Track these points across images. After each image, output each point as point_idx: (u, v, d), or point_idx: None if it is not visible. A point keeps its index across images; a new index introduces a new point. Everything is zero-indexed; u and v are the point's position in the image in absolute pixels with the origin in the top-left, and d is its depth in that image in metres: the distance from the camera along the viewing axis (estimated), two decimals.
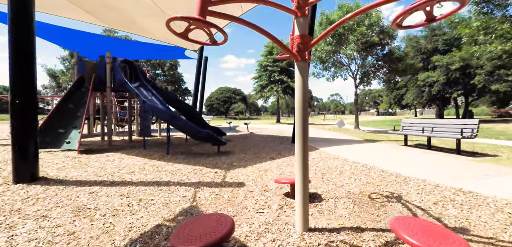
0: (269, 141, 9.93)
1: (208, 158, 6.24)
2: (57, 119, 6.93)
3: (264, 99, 30.34)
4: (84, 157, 6.04)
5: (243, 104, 66.03)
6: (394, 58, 14.89)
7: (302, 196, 2.40)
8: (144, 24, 10.40)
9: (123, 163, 5.45)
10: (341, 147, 8.19)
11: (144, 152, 6.88)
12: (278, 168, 5.07)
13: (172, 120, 6.44)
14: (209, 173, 4.71)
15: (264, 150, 7.58)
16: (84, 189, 3.65)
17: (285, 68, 29.06)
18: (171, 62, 38.43)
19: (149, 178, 4.31)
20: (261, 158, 6.24)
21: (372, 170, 4.85)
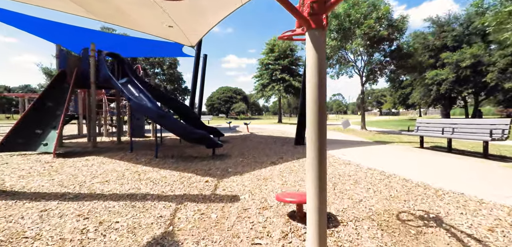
0: (270, 143, 9.17)
1: (201, 162, 5.49)
2: (34, 119, 6.20)
3: (265, 99, 29.54)
4: (59, 161, 5.30)
5: (244, 104, 65.25)
6: (403, 54, 14.06)
7: (318, 223, 1.63)
8: (136, 18, 9.66)
9: (101, 169, 4.71)
10: (350, 149, 7.40)
11: (130, 155, 6.14)
12: (280, 176, 4.30)
13: (161, 120, 5.70)
14: (198, 182, 3.95)
15: (265, 152, 6.82)
16: (37, 205, 2.90)
17: (287, 67, 28.22)
18: (171, 61, 37.72)
19: (125, 189, 3.56)
20: (261, 162, 5.48)
21: (393, 179, 4.07)
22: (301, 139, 8.23)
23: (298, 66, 29.92)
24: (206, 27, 11.64)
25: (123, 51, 14.42)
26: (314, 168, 1.60)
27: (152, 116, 5.86)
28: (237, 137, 11.40)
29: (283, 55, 28.56)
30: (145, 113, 5.87)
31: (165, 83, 37.33)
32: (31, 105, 6.23)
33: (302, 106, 8.08)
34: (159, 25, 10.85)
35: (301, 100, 8.06)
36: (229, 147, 7.94)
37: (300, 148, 7.56)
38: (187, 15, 9.91)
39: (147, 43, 14.02)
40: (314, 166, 1.60)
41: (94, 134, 7.09)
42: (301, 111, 8.11)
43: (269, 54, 28.89)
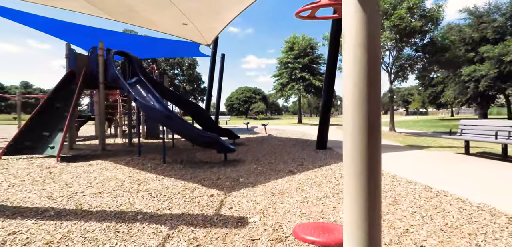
0: (289, 146, 8.44)
1: (210, 169, 4.92)
2: (42, 121, 5.98)
3: (284, 99, 28.63)
4: (61, 166, 4.97)
5: (263, 104, 64.58)
6: (437, 48, 12.66)
7: None
8: (149, 15, 9.37)
9: (100, 177, 4.28)
10: None
11: (136, 160, 5.73)
12: (299, 190, 3.60)
13: (167, 121, 5.21)
14: (202, 196, 3.36)
15: (282, 158, 6.12)
16: (9, 225, 2.46)
17: (307, 65, 27.09)
18: (190, 62, 37.99)
19: (116, 204, 3.05)
20: (277, 171, 4.80)
21: (443, 198, 3.22)
22: (324, 142, 7.42)
23: (319, 65, 28.73)
24: (221, 24, 11.14)
25: (140, 52, 14.37)
26: (359, 191, 0.92)
27: (157, 117, 5.41)
28: (254, 139, 10.78)
29: (303, 53, 27.52)
30: (151, 114, 5.42)
31: (184, 84, 37.70)
32: (39, 107, 6.02)
33: (325, 105, 7.28)
34: (173, 23, 10.52)
35: (324, 99, 7.27)
36: (244, 150, 7.33)
37: (322, 153, 6.77)
38: (201, 11, 9.44)
39: (163, 43, 13.83)
40: (359, 189, 0.91)
41: (102, 136, 6.80)
42: (323, 110, 7.32)
43: (289, 52, 27.95)
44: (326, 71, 7.30)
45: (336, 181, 4.04)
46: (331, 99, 7.36)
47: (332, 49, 7.12)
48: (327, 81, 7.22)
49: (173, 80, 37.65)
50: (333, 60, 7.15)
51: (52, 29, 9.14)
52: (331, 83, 7.22)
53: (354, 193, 0.93)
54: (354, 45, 0.88)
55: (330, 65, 7.17)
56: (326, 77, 7.24)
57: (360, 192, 0.92)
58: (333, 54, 7.13)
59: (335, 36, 7.04)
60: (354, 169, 0.91)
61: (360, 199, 0.92)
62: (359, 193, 0.92)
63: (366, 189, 0.90)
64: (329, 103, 7.30)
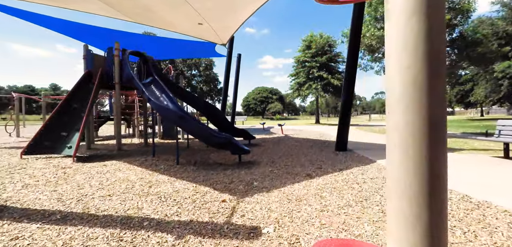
0: (306, 147, 8.09)
1: (224, 171, 4.73)
2: (60, 122, 6.08)
3: (301, 98, 28.05)
4: (76, 167, 4.98)
5: (280, 104, 64.04)
6: (468, 42, 11.74)
7: None
8: (165, 15, 9.39)
9: (112, 178, 4.21)
10: None
11: (150, 161, 5.66)
12: (318, 197, 3.30)
13: (180, 121, 5.09)
14: (213, 201, 3.15)
15: (299, 160, 5.82)
16: (14, 229, 2.38)
17: (325, 64, 26.36)
18: (206, 63, 38.35)
19: (124, 209, 2.91)
20: (294, 174, 4.51)
21: (488, 211, 2.79)
22: (344, 144, 7.01)
23: (337, 63, 27.90)
24: (236, 23, 10.99)
25: (158, 53, 14.56)
26: (416, 217, 0.63)
27: (171, 117, 5.30)
28: (270, 139, 10.51)
29: (321, 52, 26.84)
30: (164, 114, 5.32)
31: (201, 85, 38.12)
32: (58, 107, 6.13)
33: (345, 104, 6.87)
34: (189, 23, 10.50)
35: (343, 98, 6.87)
36: (259, 151, 7.09)
37: (342, 155, 6.38)
38: (215, 10, 9.33)
39: (180, 44, 13.91)
40: (417, 213, 0.63)
41: (118, 136, 6.83)
42: (343, 110, 6.91)
43: (306, 51, 27.37)
44: (346, 68, 6.90)
45: (359, 187, 3.69)
46: (352, 98, 6.95)
47: (352, 44, 6.71)
48: (347, 79, 6.82)
49: (190, 81, 38.19)
50: (353, 56, 6.74)
51: (73, 31, 9.41)
52: (351, 81, 6.81)
53: (410, 217, 0.65)
54: (407, 13, 0.61)
55: (350, 62, 6.77)
56: (346, 75, 6.84)
57: (417, 217, 0.64)
58: (353, 49, 6.72)
59: (356, 28, 6.63)
60: (409, 187, 0.63)
61: (418, 227, 0.64)
62: (417, 218, 0.64)
63: (427, 214, 0.62)
64: (349, 103, 6.89)
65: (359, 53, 7.07)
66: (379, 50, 13.00)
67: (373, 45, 12.43)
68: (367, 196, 3.31)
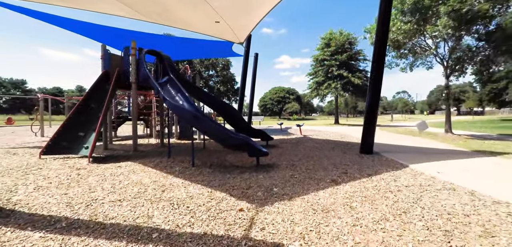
0: (328, 149, 7.62)
1: (241, 175, 4.43)
2: (78, 122, 6.08)
3: (320, 98, 27.22)
4: (91, 168, 4.89)
5: (297, 104, 63.09)
6: (507, 35, 10.66)
7: None
8: (183, 15, 9.29)
9: (125, 181, 4.04)
10: (444, 163, 5.40)
11: (165, 162, 5.48)
12: (347, 207, 2.90)
13: (195, 122, 4.86)
14: (229, 210, 2.86)
15: (321, 163, 5.40)
16: (17, 237, 2.20)
17: (345, 62, 25.41)
18: (224, 63, 38.45)
19: (133, 216, 2.69)
20: (317, 179, 4.12)
21: None
22: (369, 146, 6.49)
23: (358, 61, 26.84)
24: (253, 21, 10.70)
25: (175, 53, 14.60)
26: None
27: (185, 117, 5.09)
28: (288, 140, 10.11)
29: (340, 50, 25.90)
30: (179, 114, 5.12)
31: (218, 85, 38.27)
32: (75, 107, 6.13)
33: (371, 103, 6.36)
34: (206, 21, 10.35)
35: (369, 96, 6.36)
36: (278, 153, 6.73)
37: (369, 159, 5.88)
38: (232, 8, 9.10)
39: (198, 44, 13.86)
40: None
41: (135, 137, 6.75)
42: (369, 109, 6.40)
43: (325, 49, 26.53)
44: (372, 65, 6.37)
45: (394, 197, 3.25)
46: (379, 96, 6.41)
47: (379, 38, 6.19)
48: (373, 76, 6.29)
49: (207, 81, 38.48)
50: (380, 51, 6.21)
51: (93, 33, 9.54)
52: (378, 79, 6.28)
53: None
54: None
55: (377, 56, 6.24)
56: (373, 72, 6.31)
57: None
58: (381, 44, 6.19)
59: (383, 21, 6.11)
60: None
61: None
62: None
63: None
64: (375, 102, 6.36)
65: (385, 52, 6.52)
66: (405, 46, 12.17)
67: (399, 41, 11.64)
68: (406, 208, 2.87)
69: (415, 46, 12.42)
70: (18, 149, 7.39)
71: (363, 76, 25.38)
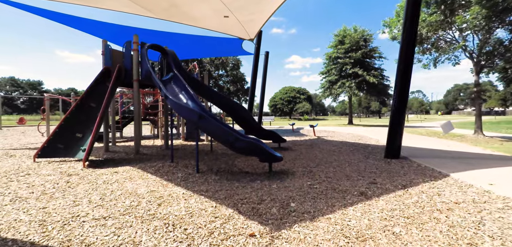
0: (346, 152, 6.90)
1: (251, 183, 3.82)
2: (75, 122, 5.63)
3: (333, 98, 26.22)
4: (84, 173, 4.40)
5: (308, 104, 61.90)
6: None
7: None
8: (191, 10, 8.78)
9: (118, 191, 3.51)
10: (489, 171, 4.61)
11: (167, 168, 4.94)
12: (389, 234, 2.23)
13: (199, 122, 4.29)
14: (237, 234, 2.25)
15: (343, 170, 4.71)
16: None
17: (360, 60, 24.37)
18: (234, 62, 37.98)
19: (116, 242, 2.12)
20: (342, 191, 3.45)
21: None
22: (396, 150, 5.74)
23: (373, 59, 25.70)
24: (263, 16, 10.06)
25: (183, 52, 14.18)
26: None
27: (188, 117, 4.53)
28: (302, 142, 9.43)
29: (355, 47, 24.84)
30: (181, 113, 4.58)
31: (228, 85, 37.83)
32: (73, 106, 5.69)
33: (399, 101, 5.61)
34: (215, 16, 9.81)
35: (397, 93, 5.61)
36: (292, 157, 6.08)
37: (397, 165, 5.14)
38: (243, 1, 8.52)
39: (206, 42, 13.37)
40: None
41: (137, 139, 6.26)
42: (397, 108, 5.65)
43: (338, 46, 25.54)
44: (400, 56, 5.62)
45: (446, 218, 2.55)
46: (407, 92, 5.65)
47: (408, 26, 5.44)
48: (402, 68, 5.54)
49: (217, 81, 38.13)
50: (409, 40, 5.46)
51: (96, 30, 9.19)
52: (406, 73, 5.53)
53: None
54: None
55: (406, 45, 5.49)
56: (401, 64, 5.56)
57: None
58: (409, 33, 5.44)
59: (413, 7, 5.35)
60: None
61: None
62: None
63: None
64: (404, 99, 5.61)
65: (416, 38, 5.75)
66: (429, 40, 11.23)
67: (422, 34, 10.73)
68: (468, 237, 2.17)
69: (439, 40, 11.45)
70: (18, 150, 7.07)
71: (378, 74, 24.24)
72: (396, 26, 11.43)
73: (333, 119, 59.41)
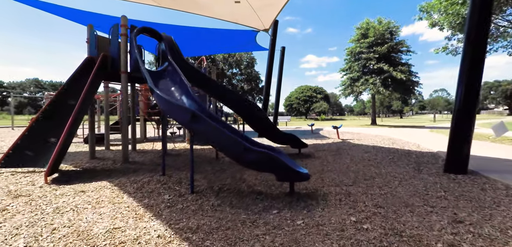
0: (387, 162, 5.44)
1: (265, 214, 2.56)
2: (50, 124, 4.59)
3: (355, 96, 24.28)
4: (37, 194, 3.29)
5: (325, 103, 59.48)
6: None
7: None
8: None
9: (67, 227, 2.35)
10: None
11: (153, 184, 3.76)
12: None
13: (192, 123, 3.07)
14: None
15: (395, 192, 3.32)
16: None
17: (385, 55, 22.26)
18: (248, 60, 36.77)
19: None
20: (410, 236, 2.08)
21: None
22: (463, 162, 4.23)
23: (400, 53, 23.53)
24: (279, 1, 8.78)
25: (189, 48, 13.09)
26: None
27: (180, 118, 3.32)
28: (325, 147, 8.01)
29: (380, 40, 22.78)
30: (170, 112, 3.36)
31: (242, 83, 36.68)
32: (46, 105, 4.67)
33: (467, 98, 4.12)
34: (224, 3, 8.65)
35: (463, 87, 4.13)
36: (317, 169, 4.74)
37: (469, 183, 3.67)
38: None
39: (215, 35, 12.20)
40: None
41: (125, 145, 5.15)
42: (463, 106, 4.16)
43: (361, 40, 23.56)
44: (469, 32, 4.13)
45: None
46: (479, 85, 4.15)
47: None
48: (470, 54, 4.06)
49: (231, 79, 37.13)
50: (481, 19, 3.99)
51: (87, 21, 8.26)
52: (478, 58, 4.04)
53: None
54: None
55: (478, 14, 4.01)
56: (467, 48, 4.08)
57: None
58: (482, 8, 3.96)
59: None
60: None
61: None
62: None
63: None
64: (474, 94, 4.12)
65: (490, 18, 4.25)
66: None
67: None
68: None
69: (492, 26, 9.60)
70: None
71: (406, 70, 22.07)
72: (438, 9, 9.68)
73: (351, 120, 56.71)
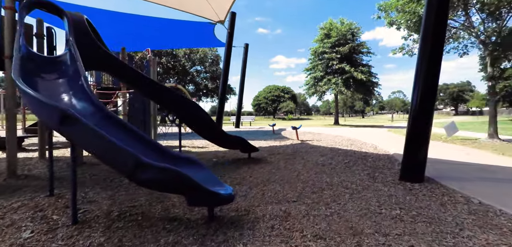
0: (342, 168, 4.90)
1: None
2: None
3: (318, 96, 24.47)
4: None
5: (292, 103, 60.31)
6: None
7: None
8: None
9: None
10: None
11: (24, 210, 2.68)
12: None
13: (62, 126, 2.10)
14: None
15: (344, 211, 2.67)
16: None
17: (347, 55, 22.70)
18: (213, 58, 35.48)
19: None
20: None
21: None
22: (419, 169, 3.77)
23: (361, 54, 24.21)
24: None
25: (143, 41, 11.70)
26: None
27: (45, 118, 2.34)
28: (281, 149, 7.38)
29: (342, 41, 23.16)
30: (36, 112, 2.29)
31: (206, 82, 35.29)
32: None
33: (424, 98, 3.67)
34: None
35: (419, 89, 3.67)
36: (261, 179, 3.99)
37: (427, 195, 3.18)
38: None
39: (168, 26, 11.01)
40: None
41: (12, 151, 3.90)
42: (420, 108, 3.71)
43: (325, 40, 23.77)
44: (423, 36, 3.70)
45: None
46: (435, 87, 3.74)
47: None
48: (428, 54, 3.63)
49: (194, 77, 35.56)
50: (439, 14, 3.58)
51: None
52: (435, 55, 3.63)
53: None
54: None
55: (435, 18, 3.58)
56: (427, 41, 3.64)
57: None
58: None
59: None
60: None
61: None
62: None
63: None
64: (431, 96, 3.69)
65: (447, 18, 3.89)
66: None
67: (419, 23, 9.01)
68: None
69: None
70: None
71: (366, 71, 22.74)
72: (395, 7, 9.63)
73: (317, 119, 58.21)
